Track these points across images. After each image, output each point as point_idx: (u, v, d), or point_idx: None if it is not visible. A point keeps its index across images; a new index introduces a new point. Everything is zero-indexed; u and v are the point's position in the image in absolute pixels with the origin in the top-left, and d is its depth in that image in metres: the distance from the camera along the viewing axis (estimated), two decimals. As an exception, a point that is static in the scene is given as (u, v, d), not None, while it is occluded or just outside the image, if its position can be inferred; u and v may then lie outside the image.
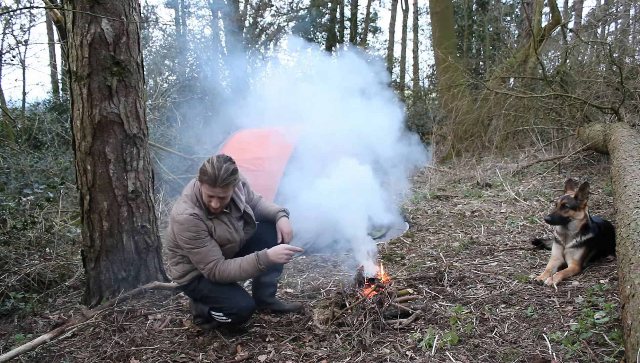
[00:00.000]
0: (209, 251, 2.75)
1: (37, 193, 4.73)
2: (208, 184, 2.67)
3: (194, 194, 2.81)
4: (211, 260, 2.76)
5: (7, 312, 3.47)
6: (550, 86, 8.24)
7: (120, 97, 3.45)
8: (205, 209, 2.80)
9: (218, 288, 2.84)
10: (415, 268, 3.93)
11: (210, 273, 2.77)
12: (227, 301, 2.81)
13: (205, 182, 2.68)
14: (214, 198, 2.71)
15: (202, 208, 2.79)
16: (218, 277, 2.77)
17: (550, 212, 3.49)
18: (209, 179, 2.65)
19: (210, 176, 2.64)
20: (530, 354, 2.26)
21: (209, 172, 2.65)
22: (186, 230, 2.71)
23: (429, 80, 21.32)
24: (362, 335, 2.62)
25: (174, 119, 10.35)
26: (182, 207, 2.76)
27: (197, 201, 2.80)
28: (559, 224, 3.45)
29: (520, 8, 16.53)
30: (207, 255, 2.75)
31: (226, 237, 2.85)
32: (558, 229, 3.51)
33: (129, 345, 2.84)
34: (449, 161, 10.53)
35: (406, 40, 21.90)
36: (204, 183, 2.69)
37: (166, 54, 14.68)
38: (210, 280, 2.81)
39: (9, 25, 12.12)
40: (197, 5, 20.22)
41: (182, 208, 2.76)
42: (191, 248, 2.74)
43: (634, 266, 2.33)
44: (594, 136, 6.56)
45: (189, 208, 2.75)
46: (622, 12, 12.15)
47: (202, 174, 2.69)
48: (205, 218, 2.78)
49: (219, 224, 2.83)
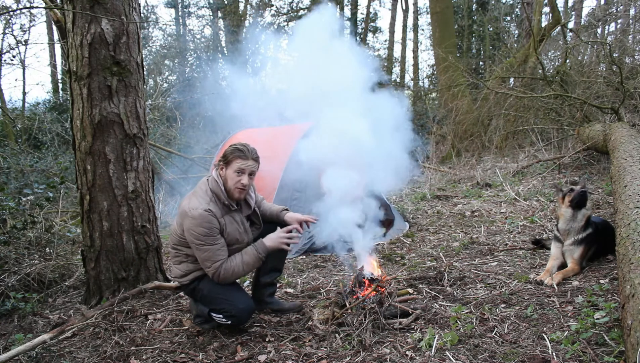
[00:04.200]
0: (217, 250, 2.73)
1: (37, 193, 4.72)
2: (240, 157, 2.77)
3: (208, 190, 2.80)
4: (218, 259, 2.74)
5: (7, 312, 3.47)
6: (550, 86, 8.25)
7: (120, 97, 3.45)
8: (223, 204, 2.79)
9: (217, 289, 2.83)
10: (415, 268, 3.94)
11: (216, 272, 2.75)
12: (226, 302, 2.79)
13: (237, 157, 2.77)
14: (245, 174, 2.77)
15: (218, 203, 2.78)
16: (223, 276, 2.75)
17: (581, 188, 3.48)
18: (240, 153, 2.77)
19: (242, 149, 2.77)
20: (530, 354, 2.26)
21: (239, 147, 2.78)
22: (199, 226, 2.68)
23: (429, 80, 21.34)
24: (362, 335, 2.62)
25: (174, 119, 10.35)
26: (196, 202, 2.74)
27: (213, 195, 2.79)
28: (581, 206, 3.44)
29: (520, 8, 16.52)
30: (215, 254, 2.73)
31: (235, 237, 2.85)
32: (562, 223, 3.51)
33: (129, 345, 2.84)
34: (449, 161, 10.53)
35: (406, 40, 21.89)
36: (235, 159, 2.77)
37: (166, 54, 14.69)
38: (214, 279, 2.78)
39: (9, 25, 12.13)
40: (197, 5, 20.25)
41: (196, 203, 2.73)
42: (201, 245, 2.71)
43: (634, 266, 2.33)
44: (594, 136, 6.56)
45: (203, 203, 2.73)
46: (622, 12, 12.16)
47: (230, 153, 2.79)
48: (220, 214, 2.77)
49: (231, 222, 2.83)
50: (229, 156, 2.78)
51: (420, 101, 16.26)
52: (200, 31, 19.75)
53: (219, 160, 2.87)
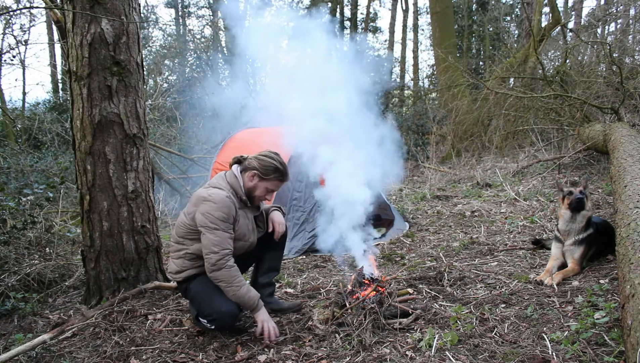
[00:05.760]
0: (228, 238, 2.72)
1: (37, 193, 4.72)
2: (279, 180, 2.81)
3: (228, 184, 2.81)
4: (227, 248, 2.70)
5: (7, 312, 3.47)
6: (550, 86, 8.25)
7: (120, 97, 3.45)
8: (240, 199, 2.82)
9: (202, 291, 2.79)
10: (415, 268, 3.94)
11: (220, 260, 2.66)
12: (207, 306, 2.74)
13: (277, 179, 2.81)
14: (274, 191, 2.82)
15: (236, 197, 2.81)
16: (223, 270, 2.67)
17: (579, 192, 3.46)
18: (280, 175, 2.80)
19: (282, 171, 2.80)
20: (530, 354, 2.26)
21: (280, 169, 2.80)
22: (218, 209, 2.68)
23: (429, 80, 21.31)
24: (362, 335, 2.62)
25: (174, 119, 10.35)
26: (216, 190, 2.76)
27: (232, 189, 2.80)
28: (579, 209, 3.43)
29: (520, 8, 16.52)
30: (225, 241, 2.70)
31: (244, 232, 2.87)
32: (562, 224, 3.50)
33: (129, 345, 2.84)
34: (449, 161, 10.53)
35: (406, 40, 21.88)
36: (273, 180, 2.80)
37: (166, 54, 14.69)
38: (214, 267, 2.68)
39: (9, 25, 12.12)
40: (197, 5, 20.26)
41: (216, 191, 2.75)
42: (215, 228, 2.67)
43: (634, 266, 2.33)
44: (594, 136, 6.56)
45: (225, 191, 2.77)
46: (622, 12, 12.15)
47: (272, 171, 2.79)
48: (238, 206, 2.80)
49: (243, 217, 2.86)
50: (270, 174, 2.80)
51: (420, 101, 16.25)
52: (200, 31, 19.75)
53: (252, 167, 2.83)
